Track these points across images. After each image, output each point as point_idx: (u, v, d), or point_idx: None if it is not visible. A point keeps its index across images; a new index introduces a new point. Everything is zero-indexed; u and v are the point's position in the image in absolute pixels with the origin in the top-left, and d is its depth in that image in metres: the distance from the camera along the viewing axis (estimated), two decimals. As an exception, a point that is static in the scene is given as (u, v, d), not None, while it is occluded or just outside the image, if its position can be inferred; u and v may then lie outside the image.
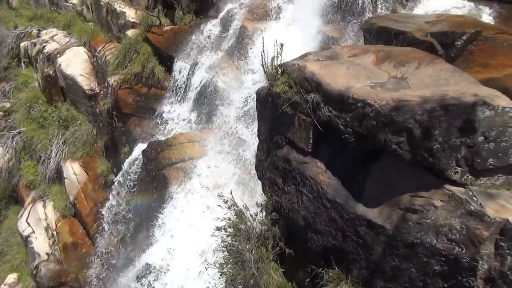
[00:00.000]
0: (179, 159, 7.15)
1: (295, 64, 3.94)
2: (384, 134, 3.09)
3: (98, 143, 10.28)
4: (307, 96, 3.70)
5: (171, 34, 9.08)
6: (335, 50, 4.30)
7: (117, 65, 9.47)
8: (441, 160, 2.88)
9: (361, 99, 3.23)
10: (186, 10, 9.37)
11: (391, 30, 4.91)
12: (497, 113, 2.78)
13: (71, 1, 14.14)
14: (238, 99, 6.99)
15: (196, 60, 8.25)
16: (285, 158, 4.20)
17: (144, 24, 9.45)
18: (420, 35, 4.68)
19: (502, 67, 4.15)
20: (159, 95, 8.86)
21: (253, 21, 7.63)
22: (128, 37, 9.72)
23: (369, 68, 3.80)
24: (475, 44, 4.52)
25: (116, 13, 10.61)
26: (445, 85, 3.24)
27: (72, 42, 12.23)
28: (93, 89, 10.71)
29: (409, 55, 3.93)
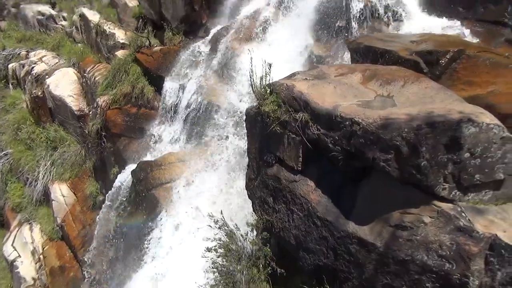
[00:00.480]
0: (169, 179, 7.10)
1: (283, 83, 3.98)
2: (372, 151, 3.12)
3: (86, 164, 10.18)
4: (296, 115, 3.74)
5: (160, 54, 9.15)
6: (322, 69, 4.36)
7: (107, 86, 9.47)
8: (428, 176, 2.91)
9: (349, 117, 3.27)
10: (176, 31, 9.50)
11: (377, 49, 5.02)
12: (481, 129, 2.84)
13: (61, 23, 14.21)
14: (227, 118, 7.01)
15: (185, 79, 8.30)
16: (275, 176, 4.21)
17: (134, 45, 9.52)
18: (405, 54, 4.79)
19: (486, 85, 4.25)
20: (148, 115, 8.85)
21: (242, 41, 7.73)
22: (118, 58, 9.76)
23: (356, 87, 3.86)
24: (459, 62, 4.64)
25: (105, 35, 10.67)
26: (431, 102, 3.30)
27: (61, 63, 12.23)
28: (82, 110, 10.66)
29: (395, 74, 4.00)
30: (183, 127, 8.16)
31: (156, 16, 9.90)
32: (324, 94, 3.74)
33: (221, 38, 8.12)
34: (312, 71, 4.36)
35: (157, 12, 9.82)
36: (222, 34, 8.22)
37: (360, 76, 4.07)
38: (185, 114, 8.10)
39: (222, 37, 8.12)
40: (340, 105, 3.45)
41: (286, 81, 4.03)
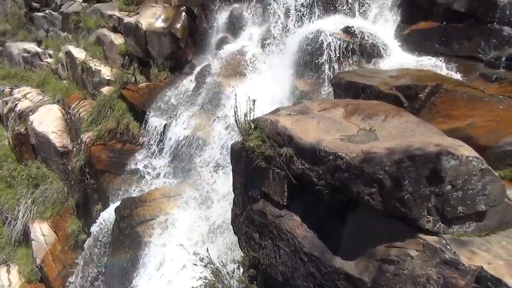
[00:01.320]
0: (154, 215, 6.97)
1: (267, 119, 4.04)
2: (356, 185, 3.14)
3: (69, 202, 9.95)
4: (280, 150, 3.77)
5: (146, 90, 9.23)
6: (306, 104, 4.45)
7: (91, 122, 9.44)
8: (412, 209, 2.93)
9: (332, 151, 3.31)
10: (162, 68, 9.64)
11: (358, 84, 5.17)
12: (461, 162, 2.89)
13: (46, 60, 14.28)
14: (212, 153, 7.02)
15: (171, 115, 8.35)
16: (261, 212, 4.18)
17: (120, 81, 9.59)
18: (385, 88, 4.94)
19: (464, 117, 4.38)
20: (134, 151, 8.80)
21: (227, 77, 7.88)
22: (103, 94, 9.79)
23: (339, 121, 3.94)
24: (437, 96, 4.80)
25: (91, 71, 10.75)
26: (411, 136, 3.37)
27: (46, 100, 12.19)
28: (66, 146, 10.55)
29: (376, 108, 4.10)
30: (168, 162, 8.13)
31: (142, 53, 10.05)
32: (308, 129, 3.79)
33: (207, 74, 8.27)
34: (295, 107, 4.44)
35: (143, 49, 9.98)
36: (207, 70, 8.38)
37: (343, 110, 4.16)
38: (170, 149, 8.09)
39: (208, 73, 8.27)
40: (323, 140, 3.50)
41: (270, 117, 4.09)
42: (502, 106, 4.27)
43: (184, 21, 9.38)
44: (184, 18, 9.40)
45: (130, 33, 10.26)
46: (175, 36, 9.32)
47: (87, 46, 11.54)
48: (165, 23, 9.62)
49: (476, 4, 5.92)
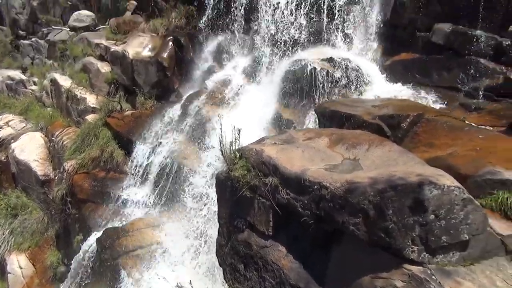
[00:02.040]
0: (137, 246, 6.80)
1: (252, 148, 4.05)
2: (341, 215, 3.14)
3: (49, 232, 9.64)
4: (265, 180, 3.76)
5: (131, 118, 9.19)
6: (291, 133, 4.49)
7: (75, 150, 9.31)
8: (397, 239, 2.93)
9: (317, 181, 3.32)
10: (148, 96, 9.65)
11: (342, 114, 5.24)
12: (443, 191, 2.93)
13: (31, 87, 14.18)
14: (198, 182, 6.96)
15: (156, 143, 8.30)
16: (246, 242, 4.12)
17: (105, 109, 9.55)
18: (368, 118, 5.02)
19: (445, 146, 4.45)
20: (117, 179, 8.66)
21: (213, 106, 7.93)
22: (88, 122, 9.71)
23: (324, 150, 3.97)
24: (419, 125, 4.88)
25: (76, 99, 10.69)
26: (394, 165, 3.41)
27: (28, 128, 12.02)
28: (48, 175, 10.33)
29: (359, 138, 4.16)
30: (153, 191, 8.01)
31: (128, 81, 10.08)
32: (293, 158, 3.81)
33: (193, 103, 8.30)
34: (281, 136, 4.47)
35: (129, 77, 10.02)
36: (193, 99, 8.42)
37: (327, 140, 4.20)
38: (155, 178, 7.99)
39: (194, 102, 8.31)
40: (308, 169, 3.51)
41: (256, 146, 4.10)
42: (482, 136, 4.37)
43: (171, 50, 9.49)
44: (171, 48, 9.50)
45: (116, 62, 10.31)
46: (162, 65, 9.40)
47: (73, 74, 11.51)
48: (152, 52, 9.71)
49: (453, 38, 6.16)
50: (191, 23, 9.73)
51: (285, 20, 7.69)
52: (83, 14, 13.01)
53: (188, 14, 9.73)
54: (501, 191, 3.50)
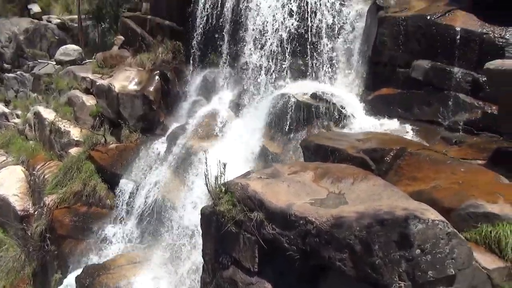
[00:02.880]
0: (118, 284, 6.56)
1: (238, 183, 4.03)
2: (327, 251, 3.11)
3: (25, 270, 9.23)
4: (251, 215, 3.73)
5: (116, 151, 9.10)
6: (276, 168, 4.50)
7: (56, 184, 9.10)
8: (384, 275, 2.90)
9: (303, 216, 3.30)
10: (133, 129, 9.61)
11: (327, 148, 5.30)
12: (428, 226, 2.94)
13: (13, 120, 14.00)
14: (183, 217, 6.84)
15: (141, 177, 8.20)
16: (231, 279, 4.02)
17: (89, 142, 9.44)
18: (353, 151, 5.08)
19: (429, 180, 4.50)
20: (100, 214, 8.46)
21: (199, 139, 7.92)
22: (71, 155, 9.57)
23: (309, 185, 3.98)
24: (402, 159, 4.94)
25: (60, 132, 10.57)
26: (379, 199, 3.43)
27: (9, 161, 11.75)
28: (27, 210, 10.02)
29: (344, 171, 4.19)
30: (136, 226, 7.83)
31: (113, 114, 10.05)
32: (278, 192, 3.80)
33: (178, 136, 8.29)
34: (266, 170, 4.48)
35: (115, 111, 10.00)
36: (179, 132, 8.42)
37: (312, 174, 4.22)
38: (138, 212, 7.84)
39: (179, 135, 8.29)
40: (294, 204, 3.50)
41: (241, 180, 4.09)
42: (463, 169, 4.45)
43: (157, 84, 9.57)
44: (158, 82, 9.59)
45: (102, 95, 10.32)
46: (148, 99, 9.44)
47: (57, 107, 11.43)
48: (138, 86, 9.76)
49: (432, 74, 6.37)
50: (178, 58, 9.89)
51: (270, 56, 7.89)
52: (70, 48, 13.10)
53: (174, 49, 9.90)
54: (484, 224, 3.53)
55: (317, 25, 7.75)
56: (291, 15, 7.79)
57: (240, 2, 8.43)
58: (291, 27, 7.77)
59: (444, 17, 6.33)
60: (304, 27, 7.77)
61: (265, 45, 7.94)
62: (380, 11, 7.04)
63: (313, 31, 7.77)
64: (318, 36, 7.79)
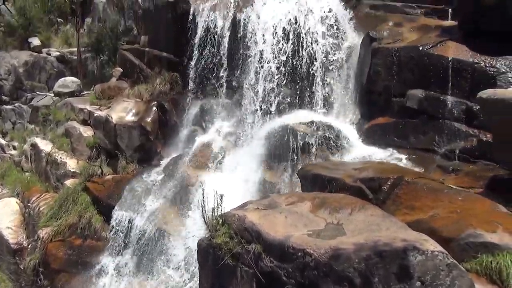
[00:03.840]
0: (112, 320, 6.37)
1: (235, 214, 4.00)
2: (326, 284, 3.05)
3: (17, 306, 8.99)
4: (248, 247, 3.67)
5: (112, 183, 9.04)
6: (273, 198, 4.47)
7: (51, 216, 8.97)
8: (385, 309, 2.83)
9: (301, 248, 3.26)
10: (130, 160, 9.58)
11: (324, 177, 5.29)
12: (427, 257, 2.90)
13: (10, 152, 13.94)
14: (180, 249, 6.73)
15: (137, 208, 8.10)
16: (229, 314, 3.91)
17: (85, 173, 9.38)
18: (350, 181, 5.07)
19: (427, 209, 4.47)
20: (95, 247, 8.30)
21: (195, 170, 7.91)
22: (67, 187, 9.48)
23: (306, 215, 3.94)
24: (400, 188, 4.91)
25: (56, 163, 10.52)
26: (377, 230, 3.39)
27: (4, 193, 11.61)
28: (20, 243, 9.82)
29: (342, 201, 4.17)
30: (131, 258, 7.67)
31: (110, 145, 10.05)
32: (276, 224, 3.76)
33: (175, 166, 8.28)
34: (263, 201, 4.45)
35: (112, 142, 10.00)
36: (176, 162, 8.42)
37: (310, 204, 4.20)
38: (135, 245, 7.70)
39: (176, 165, 8.29)
40: (291, 236, 3.46)
41: (238, 212, 4.05)
42: (461, 198, 4.44)
43: (154, 115, 9.63)
44: (155, 112, 9.65)
45: (99, 126, 10.35)
46: (145, 129, 9.47)
47: (54, 138, 11.43)
48: (136, 117, 9.82)
49: (426, 103, 6.47)
50: (175, 89, 10.00)
51: (267, 86, 8.01)
52: (69, 80, 13.24)
53: (172, 80, 10.02)
54: (484, 255, 3.49)
55: (312, 55, 7.93)
56: (287, 46, 7.96)
57: (237, 35, 8.63)
58: (287, 58, 7.93)
59: (436, 48, 6.50)
60: (300, 58, 7.93)
61: (261, 75, 8.06)
62: (374, 42, 7.21)
63: (308, 62, 7.93)
64: (314, 67, 7.94)
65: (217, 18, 8.96)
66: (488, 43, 6.00)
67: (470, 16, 6.32)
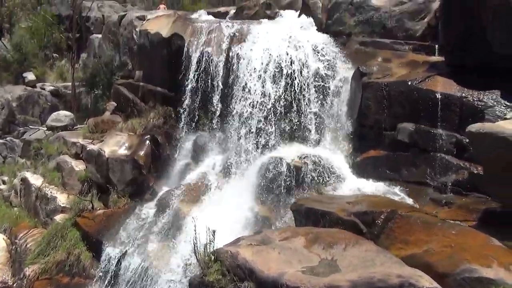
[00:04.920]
0: None
1: (227, 250, 3.93)
2: (321, 324, 2.96)
3: None
4: (241, 285, 3.59)
5: (103, 217, 8.87)
6: (267, 234, 4.42)
7: (39, 253, 8.72)
8: None
9: (295, 286, 3.19)
10: (121, 194, 9.45)
11: (317, 211, 5.27)
12: (424, 294, 2.86)
13: (0, 186, 13.73)
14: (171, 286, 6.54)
15: (128, 244, 7.92)
16: None
17: (75, 208, 9.23)
18: (343, 215, 5.05)
19: (421, 243, 4.45)
20: (83, 285, 8.03)
21: (188, 204, 7.81)
22: (56, 222, 9.29)
23: (300, 251, 3.89)
24: (393, 222, 4.91)
25: (46, 198, 10.34)
26: (372, 266, 3.35)
27: (-8, 230, 11.34)
28: (5, 282, 9.47)
29: (335, 236, 4.13)
30: (122, 296, 7.43)
31: (102, 179, 9.95)
32: (269, 260, 3.70)
33: (168, 200, 8.17)
34: (256, 236, 4.39)
35: (103, 175, 9.91)
36: (168, 196, 8.31)
37: (304, 239, 4.15)
38: (125, 282, 7.47)
39: (169, 199, 8.18)
40: (285, 273, 3.40)
41: (231, 248, 3.99)
42: (454, 232, 4.42)
43: (147, 148, 9.61)
44: (148, 146, 9.64)
45: (92, 160, 10.28)
46: (138, 163, 9.42)
47: (46, 172, 11.30)
48: (129, 150, 9.78)
49: (416, 136, 6.55)
50: (169, 122, 10.05)
51: (260, 120, 8.09)
52: (62, 114, 13.26)
53: (166, 114, 10.09)
54: (480, 290, 3.44)
55: (304, 90, 8.07)
56: (280, 81, 8.11)
57: (230, 69, 8.79)
58: (280, 92, 8.07)
59: (424, 82, 6.66)
60: (292, 92, 8.07)
61: (254, 109, 8.16)
62: (364, 77, 7.38)
63: (300, 96, 8.06)
64: (306, 101, 8.07)
65: (211, 54, 9.16)
66: (475, 77, 6.16)
67: (455, 53, 6.53)
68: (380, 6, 8.80)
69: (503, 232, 4.32)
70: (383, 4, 8.82)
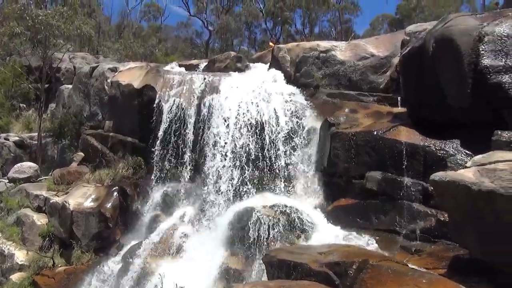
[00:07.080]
0: None
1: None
2: None
3: None
4: None
5: (64, 275, 8.36)
6: (236, 288, 4.25)
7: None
8: None
9: None
10: (85, 249, 8.99)
11: (289, 262, 5.15)
12: None
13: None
14: None
15: (90, 304, 7.44)
16: None
17: (34, 266, 8.67)
18: (315, 266, 4.95)
19: (394, 294, 4.38)
20: None
21: (157, 258, 7.51)
22: (12, 282, 8.64)
23: (271, 306, 3.74)
24: (365, 272, 4.84)
25: (2, 256, 9.67)
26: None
27: None
28: None
29: (307, 290, 4.02)
30: None
31: (65, 234, 9.46)
32: (239, 317, 3.53)
33: (135, 255, 7.82)
34: (226, 291, 4.21)
35: (67, 230, 9.44)
36: (136, 250, 7.97)
37: (274, 294, 4.01)
38: None
39: (136, 254, 7.83)
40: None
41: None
42: (425, 280, 4.39)
43: (115, 200, 9.31)
44: (116, 198, 9.35)
45: (55, 213, 9.82)
46: (104, 216, 9.08)
47: (4, 228, 10.61)
48: (95, 202, 9.44)
49: (384, 184, 6.69)
50: (139, 173, 9.86)
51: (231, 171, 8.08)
52: (26, 166, 12.75)
53: (135, 164, 9.92)
54: None
55: (274, 140, 8.20)
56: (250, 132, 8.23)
57: (200, 121, 8.88)
58: (251, 143, 8.15)
59: (389, 132, 6.91)
60: (263, 143, 8.18)
61: (225, 160, 8.17)
62: (332, 127, 7.61)
63: (270, 146, 8.17)
64: (276, 150, 8.18)
65: (182, 105, 9.25)
66: (436, 127, 6.45)
67: (415, 106, 6.87)
68: (345, 60, 9.32)
69: (471, 280, 4.34)
70: (347, 58, 9.33)
